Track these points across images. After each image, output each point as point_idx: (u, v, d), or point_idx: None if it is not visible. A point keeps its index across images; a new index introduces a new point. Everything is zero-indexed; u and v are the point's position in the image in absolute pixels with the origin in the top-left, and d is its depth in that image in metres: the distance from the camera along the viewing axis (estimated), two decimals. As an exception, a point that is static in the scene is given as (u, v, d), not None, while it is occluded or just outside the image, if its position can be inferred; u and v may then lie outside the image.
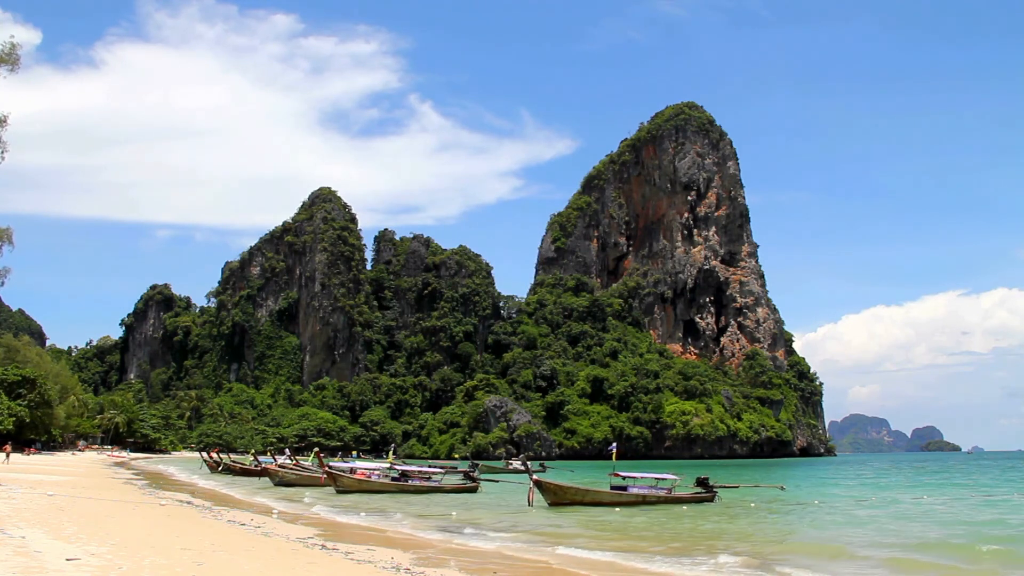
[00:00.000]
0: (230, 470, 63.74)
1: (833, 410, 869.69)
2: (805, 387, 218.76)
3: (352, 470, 44.68)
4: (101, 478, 44.69)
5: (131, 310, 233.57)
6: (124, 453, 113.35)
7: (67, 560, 11.35)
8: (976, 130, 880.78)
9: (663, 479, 35.05)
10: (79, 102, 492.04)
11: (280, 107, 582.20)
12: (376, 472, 43.45)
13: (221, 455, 76.71)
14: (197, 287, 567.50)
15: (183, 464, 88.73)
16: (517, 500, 34.55)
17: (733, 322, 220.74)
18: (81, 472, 48.54)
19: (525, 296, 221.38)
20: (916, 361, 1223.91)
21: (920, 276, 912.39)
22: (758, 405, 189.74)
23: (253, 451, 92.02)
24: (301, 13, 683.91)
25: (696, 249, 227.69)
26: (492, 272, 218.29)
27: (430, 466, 57.99)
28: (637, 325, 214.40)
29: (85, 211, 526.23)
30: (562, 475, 56.20)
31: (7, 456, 55.80)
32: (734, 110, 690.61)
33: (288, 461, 60.04)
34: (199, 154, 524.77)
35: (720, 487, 35.80)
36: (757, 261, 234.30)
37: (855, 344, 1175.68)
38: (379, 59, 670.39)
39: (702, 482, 35.02)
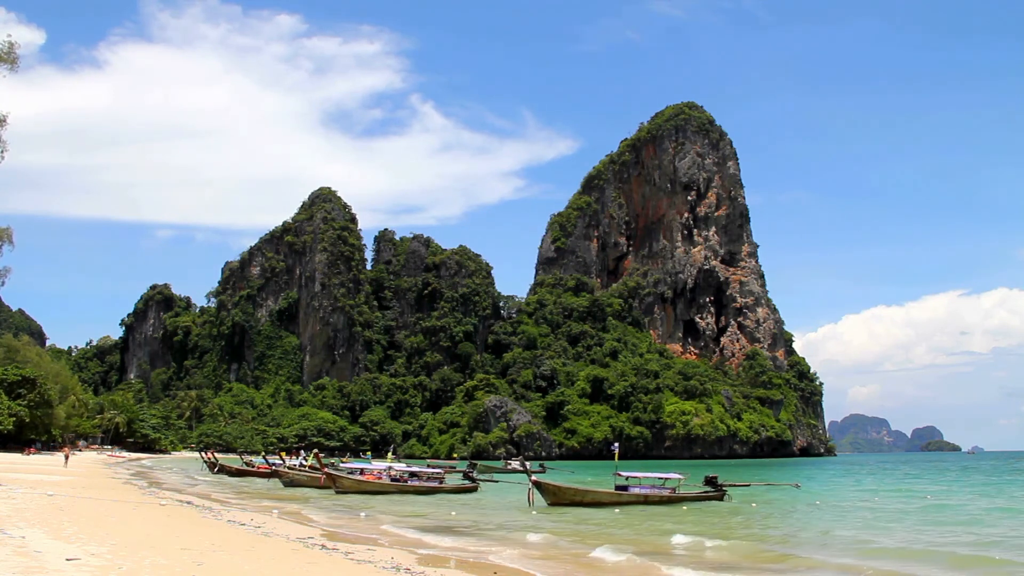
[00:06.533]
0: (225, 470, 63.79)
1: (833, 410, 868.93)
2: (805, 387, 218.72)
3: (361, 471, 44.68)
4: (101, 478, 44.69)
5: (131, 310, 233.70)
6: (124, 453, 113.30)
7: (67, 560, 11.35)
8: (976, 130, 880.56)
9: (668, 479, 35.01)
10: (82, 102, 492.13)
11: (283, 107, 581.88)
12: (386, 472, 43.34)
13: (216, 455, 76.87)
14: (197, 287, 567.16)
15: (183, 467, 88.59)
16: (517, 500, 34.57)
17: (733, 322, 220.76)
18: (81, 472, 48.53)
19: (525, 296, 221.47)
20: (916, 361, 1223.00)
21: (920, 276, 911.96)
22: (758, 405, 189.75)
23: (263, 452, 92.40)
24: (305, 13, 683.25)
25: (696, 249, 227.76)
26: (492, 272, 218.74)
27: (428, 466, 58.14)
28: (637, 325, 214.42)
29: (85, 211, 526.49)
30: (561, 476, 56.23)
31: (67, 459, 56.36)
32: (734, 110, 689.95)
33: (298, 462, 60.11)
34: (201, 154, 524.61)
35: (730, 485, 35.68)
36: (757, 261, 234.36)
37: (855, 344, 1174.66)
38: (382, 59, 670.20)
39: (710, 481, 34.91)
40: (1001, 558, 17.01)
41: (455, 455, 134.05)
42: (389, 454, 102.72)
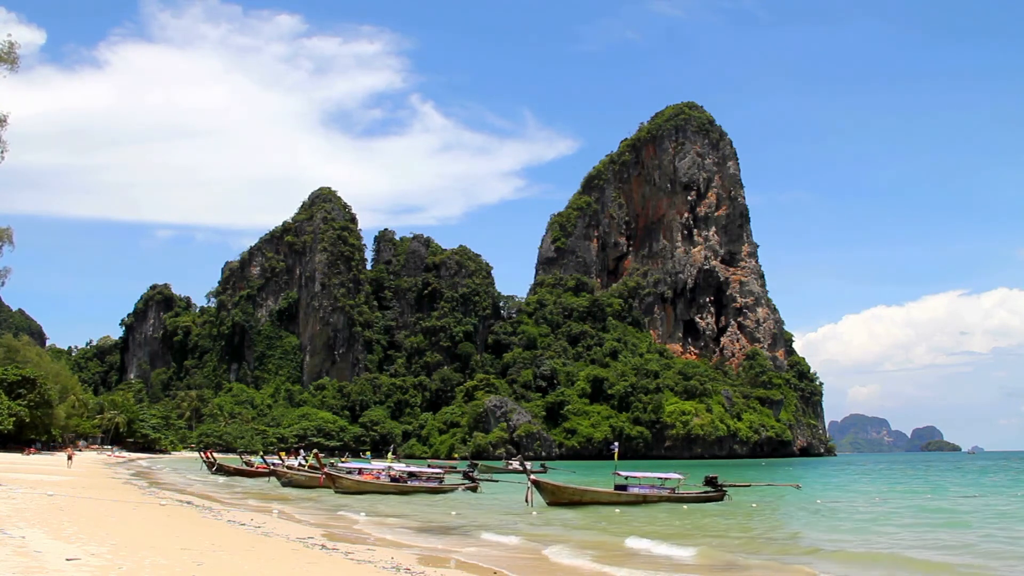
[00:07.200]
0: (224, 470, 63.99)
1: (833, 410, 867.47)
2: (805, 387, 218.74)
3: (360, 471, 44.73)
4: (101, 478, 44.70)
5: (131, 310, 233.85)
6: (125, 453, 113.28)
7: (67, 560, 11.36)
8: (976, 130, 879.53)
9: (667, 479, 35.01)
10: (82, 102, 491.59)
11: (283, 107, 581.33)
12: (385, 472, 43.39)
13: (215, 455, 77.15)
14: (197, 287, 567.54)
15: (183, 467, 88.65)
16: (516, 500, 34.58)
17: (733, 322, 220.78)
18: (81, 472, 48.55)
19: (525, 296, 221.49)
20: (916, 361, 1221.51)
21: (920, 276, 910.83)
22: (758, 405, 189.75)
23: (262, 452, 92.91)
24: (305, 13, 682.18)
25: (696, 249, 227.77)
26: (492, 272, 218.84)
27: (429, 466, 58.15)
28: (637, 325, 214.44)
29: (86, 211, 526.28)
30: (562, 476, 56.21)
31: (70, 459, 56.56)
32: (734, 110, 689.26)
33: (296, 462, 60.18)
34: (201, 154, 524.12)
35: (730, 486, 35.64)
36: (757, 261, 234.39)
37: (855, 344, 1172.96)
38: (382, 59, 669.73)
39: (710, 481, 34.90)
40: (959, 563, 16.61)
41: (455, 455, 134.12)
42: (389, 454, 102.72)
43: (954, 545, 19.63)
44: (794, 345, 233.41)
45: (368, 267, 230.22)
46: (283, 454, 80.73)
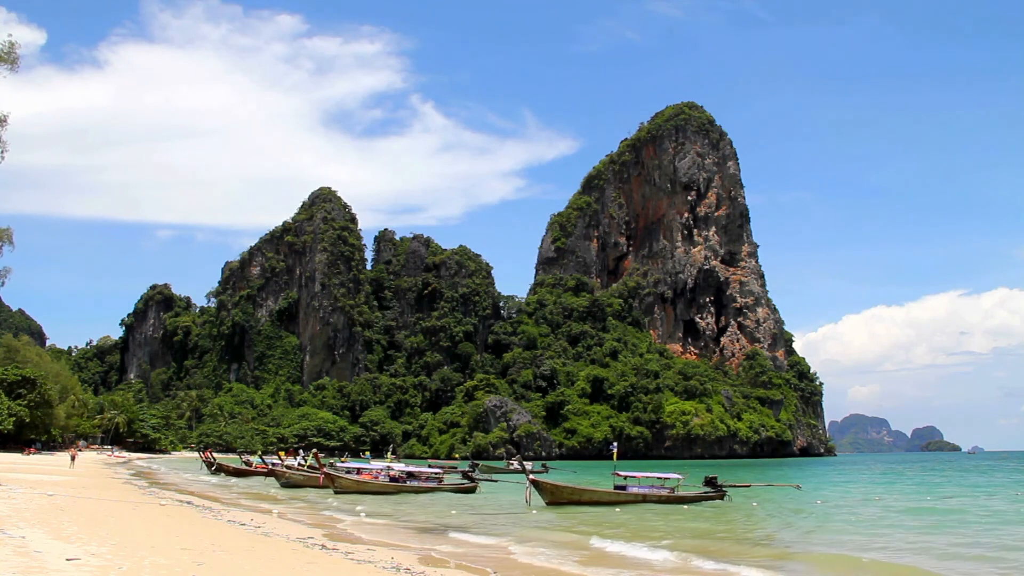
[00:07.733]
0: (223, 470, 64.06)
1: (833, 410, 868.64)
2: (805, 387, 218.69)
3: (359, 471, 44.74)
4: (101, 478, 44.70)
5: (131, 310, 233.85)
6: (126, 453, 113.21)
7: (67, 560, 11.38)
8: (976, 130, 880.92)
9: (667, 479, 35.02)
10: (83, 102, 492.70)
11: (283, 107, 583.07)
12: (384, 472, 43.41)
13: (214, 455, 77.25)
14: (197, 287, 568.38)
15: (182, 467, 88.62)
16: (515, 500, 34.59)
17: (733, 322, 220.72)
18: (81, 472, 48.55)
19: (525, 296, 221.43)
20: (916, 361, 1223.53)
21: (920, 276, 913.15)
22: (758, 405, 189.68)
23: (260, 452, 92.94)
24: (306, 14, 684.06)
25: (696, 249, 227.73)
26: (492, 272, 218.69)
27: (429, 466, 58.17)
28: (637, 325, 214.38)
29: (86, 211, 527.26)
30: (563, 476, 56.23)
31: (73, 459, 56.59)
32: (734, 110, 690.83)
33: (295, 462, 60.20)
34: (202, 154, 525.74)
35: (731, 486, 35.65)
36: (757, 261, 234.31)
37: (855, 344, 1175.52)
38: (383, 59, 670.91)
39: (710, 481, 34.92)
40: (926, 566, 16.41)
41: (455, 455, 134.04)
42: (388, 454, 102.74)
43: (931, 547, 19.58)
44: (794, 345, 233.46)
45: (368, 267, 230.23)
46: (282, 454, 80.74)
